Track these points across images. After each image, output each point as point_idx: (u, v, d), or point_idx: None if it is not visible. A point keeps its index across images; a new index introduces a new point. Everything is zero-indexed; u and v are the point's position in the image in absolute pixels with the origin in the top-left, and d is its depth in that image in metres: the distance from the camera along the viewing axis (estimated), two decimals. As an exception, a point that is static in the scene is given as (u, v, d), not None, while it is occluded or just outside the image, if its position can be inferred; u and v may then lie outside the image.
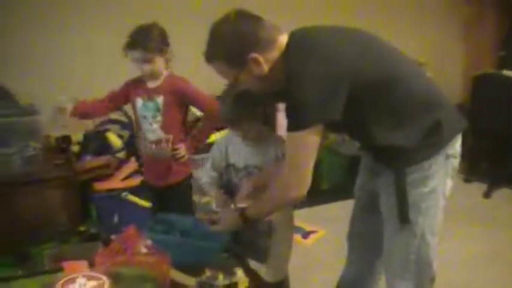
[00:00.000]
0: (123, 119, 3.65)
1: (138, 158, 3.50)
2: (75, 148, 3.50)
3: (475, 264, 3.35)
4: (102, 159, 3.39)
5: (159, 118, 2.71)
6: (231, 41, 1.74)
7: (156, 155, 2.77)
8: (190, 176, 2.88)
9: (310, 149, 1.75)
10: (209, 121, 2.82)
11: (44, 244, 2.94)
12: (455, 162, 1.89)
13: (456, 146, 1.88)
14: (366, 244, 2.17)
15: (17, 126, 3.14)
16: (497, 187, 4.55)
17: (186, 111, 2.82)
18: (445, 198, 1.91)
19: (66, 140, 3.52)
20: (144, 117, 2.75)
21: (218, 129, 3.14)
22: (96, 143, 3.52)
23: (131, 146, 3.61)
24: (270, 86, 1.84)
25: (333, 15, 4.27)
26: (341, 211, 2.32)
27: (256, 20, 1.78)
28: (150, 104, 2.72)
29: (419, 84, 1.85)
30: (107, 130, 3.59)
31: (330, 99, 1.68)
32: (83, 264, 1.87)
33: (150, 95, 2.71)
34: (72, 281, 1.56)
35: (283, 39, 1.80)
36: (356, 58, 1.73)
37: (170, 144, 2.74)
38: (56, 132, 3.50)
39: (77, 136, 3.57)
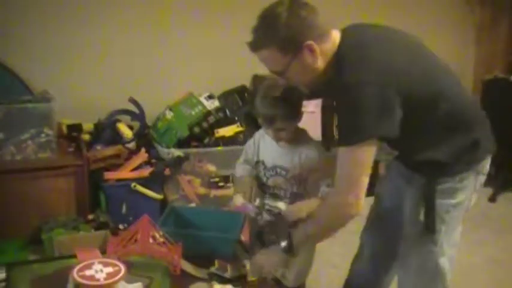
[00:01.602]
0: (134, 109, 3.67)
1: (147, 149, 3.51)
2: (85, 137, 3.52)
3: (480, 268, 3.34)
4: (113, 149, 3.39)
5: None
6: (288, 26, 1.64)
7: None
8: None
9: (365, 164, 1.68)
10: None
11: (54, 230, 2.97)
12: (483, 179, 1.91)
13: (487, 165, 1.89)
14: (383, 245, 2.15)
15: (31, 113, 3.17)
16: (503, 192, 4.55)
17: None
18: (466, 212, 1.92)
19: (77, 127, 3.55)
20: None
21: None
22: (107, 132, 3.53)
23: (141, 137, 3.63)
24: (318, 81, 1.77)
25: (346, 12, 4.28)
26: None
27: (311, 7, 1.70)
28: None
29: (461, 101, 1.82)
30: (118, 120, 3.61)
31: (387, 114, 1.63)
32: (96, 251, 1.89)
33: None
34: (89, 267, 1.59)
35: (336, 34, 1.74)
36: (407, 72, 1.68)
37: None
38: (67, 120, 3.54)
39: (88, 126, 3.60)
